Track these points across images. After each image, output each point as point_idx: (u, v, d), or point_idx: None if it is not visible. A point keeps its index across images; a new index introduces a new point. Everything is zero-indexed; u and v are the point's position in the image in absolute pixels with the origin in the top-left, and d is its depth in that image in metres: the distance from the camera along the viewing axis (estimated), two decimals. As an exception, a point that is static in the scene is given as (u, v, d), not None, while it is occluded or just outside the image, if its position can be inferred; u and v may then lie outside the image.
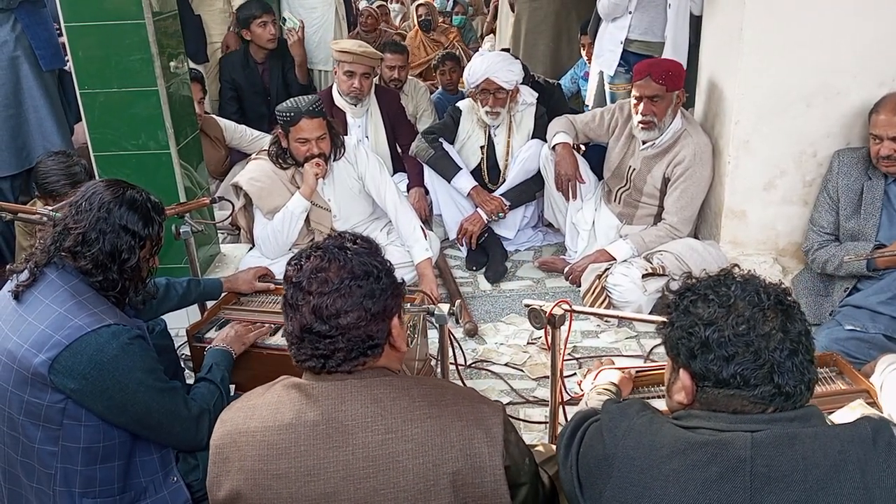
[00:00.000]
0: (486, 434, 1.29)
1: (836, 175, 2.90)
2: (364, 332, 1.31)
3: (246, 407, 1.35)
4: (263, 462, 1.27)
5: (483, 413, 1.32)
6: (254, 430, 1.30)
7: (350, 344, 1.30)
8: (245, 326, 2.34)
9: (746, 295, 1.22)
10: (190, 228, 2.70)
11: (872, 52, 2.95)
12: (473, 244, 3.74)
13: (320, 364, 1.31)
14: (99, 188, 1.82)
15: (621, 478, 1.21)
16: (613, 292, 3.12)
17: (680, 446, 1.18)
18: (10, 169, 3.61)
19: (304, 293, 1.30)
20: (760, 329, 1.19)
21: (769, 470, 1.12)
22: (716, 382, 1.21)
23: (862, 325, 2.60)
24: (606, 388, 1.83)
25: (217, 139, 4.35)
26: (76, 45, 2.88)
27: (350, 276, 1.30)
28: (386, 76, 4.69)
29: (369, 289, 1.31)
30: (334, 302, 1.29)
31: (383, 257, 1.39)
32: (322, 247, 1.35)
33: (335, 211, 3.40)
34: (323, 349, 1.30)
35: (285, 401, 1.32)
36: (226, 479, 1.30)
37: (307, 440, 1.27)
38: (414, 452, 1.25)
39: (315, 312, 1.29)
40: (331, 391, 1.30)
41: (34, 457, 1.72)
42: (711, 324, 1.21)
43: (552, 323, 2.03)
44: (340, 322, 1.29)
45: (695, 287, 1.28)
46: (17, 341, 1.68)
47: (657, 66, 3.28)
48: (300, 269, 1.33)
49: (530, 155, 3.76)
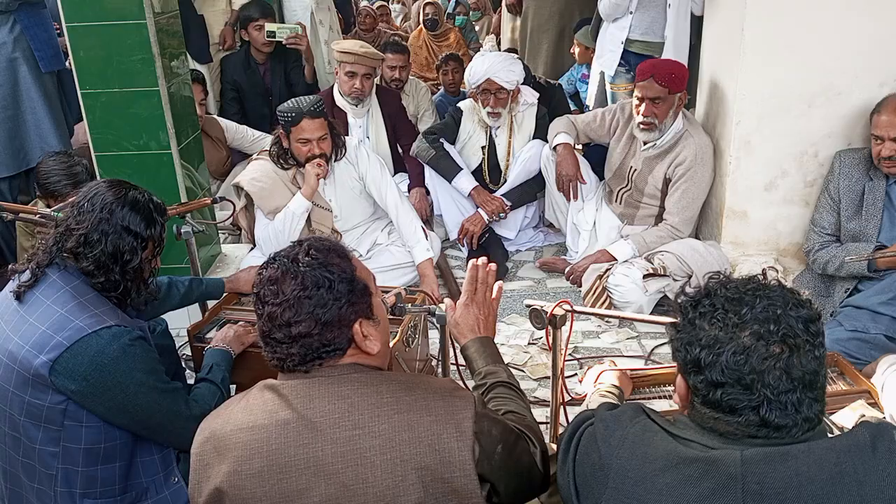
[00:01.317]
0: (456, 428, 1.29)
1: (838, 176, 2.90)
2: (318, 340, 1.34)
3: (224, 413, 1.40)
4: (239, 462, 1.31)
5: (454, 407, 1.32)
6: (230, 432, 1.34)
7: (304, 350, 1.34)
8: (244, 327, 2.34)
9: (756, 322, 1.15)
10: (191, 229, 2.70)
11: (874, 53, 2.95)
12: (474, 244, 3.74)
13: (280, 364, 1.37)
14: (101, 189, 1.82)
15: (616, 489, 1.20)
16: (614, 293, 3.12)
17: (672, 460, 1.17)
18: (8, 170, 3.62)
19: (260, 302, 1.36)
20: (758, 364, 1.13)
21: (761, 487, 1.10)
22: (703, 401, 1.20)
23: (863, 325, 2.60)
24: (609, 391, 1.82)
25: (218, 139, 4.35)
26: (77, 45, 2.88)
27: (300, 287, 1.33)
28: (387, 76, 4.69)
29: (320, 299, 1.33)
30: (284, 312, 1.33)
31: (342, 264, 1.38)
32: (277, 258, 1.39)
33: (336, 211, 3.40)
34: (280, 353, 1.35)
35: (258, 402, 1.36)
36: (206, 484, 1.34)
37: (278, 438, 1.30)
38: (381, 448, 1.27)
39: (271, 321, 1.34)
40: (300, 389, 1.34)
41: (35, 457, 1.72)
42: (708, 347, 1.17)
43: (553, 323, 2.03)
44: (292, 331, 1.33)
45: (712, 297, 1.21)
46: (19, 342, 1.68)
47: (661, 67, 3.27)
48: (260, 280, 1.38)
49: (531, 155, 3.76)
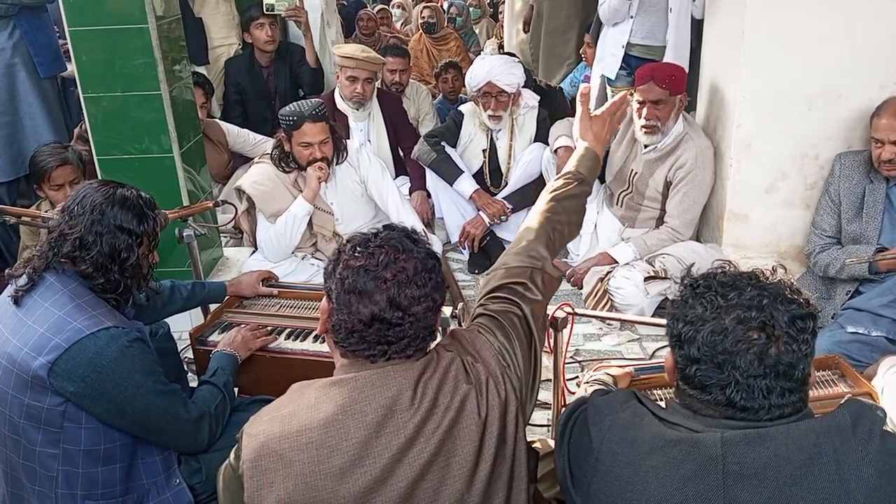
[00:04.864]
0: (493, 368, 1.39)
1: (838, 178, 2.90)
2: (429, 321, 1.35)
3: (278, 417, 1.33)
4: (314, 463, 1.26)
5: (488, 363, 1.40)
6: (296, 433, 1.28)
7: (417, 331, 1.33)
8: (252, 332, 2.34)
9: (741, 308, 1.19)
10: (193, 232, 2.70)
11: (874, 55, 2.95)
12: (475, 247, 3.74)
13: (382, 351, 1.33)
14: (89, 191, 1.82)
15: (606, 472, 1.24)
16: (616, 295, 3.13)
17: (658, 443, 1.20)
18: (6, 175, 3.64)
19: (379, 281, 1.31)
20: (732, 346, 1.17)
21: (741, 467, 1.14)
22: (681, 377, 1.25)
23: (864, 327, 2.59)
24: (599, 380, 1.83)
25: (220, 143, 4.36)
26: (80, 49, 2.89)
27: (423, 267, 1.34)
28: (388, 80, 4.69)
29: (436, 281, 1.35)
30: (412, 291, 1.31)
31: (437, 253, 1.42)
32: (389, 237, 1.36)
33: (338, 214, 3.40)
34: (391, 336, 1.32)
35: (325, 399, 1.31)
36: (269, 492, 1.27)
37: (357, 431, 1.27)
38: (457, 419, 1.31)
39: (391, 301, 1.30)
40: (375, 380, 1.31)
41: (36, 460, 1.72)
42: (691, 323, 1.22)
43: (554, 326, 2.04)
44: (414, 311, 1.31)
45: (709, 279, 1.26)
46: (17, 345, 1.69)
47: (660, 70, 3.28)
48: (372, 257, 1.32)
49: (532, 158, 3.76)
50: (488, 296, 1.56)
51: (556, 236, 1.67)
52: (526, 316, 1.51)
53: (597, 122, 1.86)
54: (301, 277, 3.20)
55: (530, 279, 1.55)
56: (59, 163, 3.13)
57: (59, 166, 3.12)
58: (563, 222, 1.70)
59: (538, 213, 1.71)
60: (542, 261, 1.60)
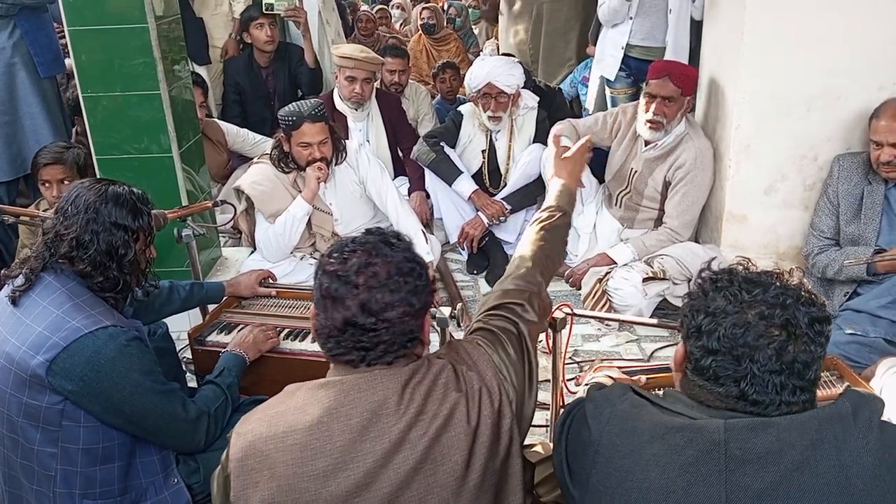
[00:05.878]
0: (489, 379, 1.39)
1: (837, 180, 2.91)
2: (406, 326, 1.32)
3: (266, 416, 1.33)
4: (298, 465, 1.26)
5: (484, 374, 1.40)
6: (281, 435, 1.28)
7: (393, 337, 1.31)
8: (265, 333, 2.33)
9: (765, 304, 1.21)
10: (192, 232, 2.70)
11: (873, 56, 2.95)
12: (474, 248, 3.74)
13: (360, 357, 1.32)
14: (81, 191, 1.82)
15: (606, 463, 1.24)
16: (614, 296, 3.13)
17: (659, 431, 1.21)
18: (5, 175, 3.63)
19: (350, 286, 1.30)
20: (752, 340, 1.18)
21: (743, 452, 1.14)
22: (694, 368, 1.25)
23: (862, 328, 2.60)
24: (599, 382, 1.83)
25: (219, 143, 4.36)
26: (79, 48, 2.89)
27: (397, 271, 1.32)
28: (387, 80, 4.69)
29: (413, 285, 1.33)
30: (384, 296, 1.29)
31: (419, 256, 1.41)
32: (365, 241, 1.35)
33: (337, 215, 3.40)
34: (366, 342, 1.30)
35: (312, 401, 1.31)
36: (254, 491, 1.27)
37: (341, 434, 1.27)
38: (444, 426, 1.30)
39: (362, 306, 1.29)
40: (361, 384, 1.30)
41: (34, 459, 1.72)
42: (713, 315, 1.22)
43: (553, 326, 2.04)
44: (387, 316, 1.29)
45: (732, 274, 1.27)
46: (16, 343, 1.69)
47: (677, 67, 3.27)
48: (345, 262, 1.32)
49: (531, 159, 3.76)
50: (487, 312, 1.58)
51: (547, 263, 1.74)
52: (523, 334, 1.53)
53: (569, 162, 2.03)
54: (300, 277, 3.20)
55: (528, 301, 1.58)
56: (50, 161, 3.14)
57: (48, 164, 3.14)
58: (553, 251, 1.79)
59: (530, 242, 1.78)
60: (537, 286, 1.65)
